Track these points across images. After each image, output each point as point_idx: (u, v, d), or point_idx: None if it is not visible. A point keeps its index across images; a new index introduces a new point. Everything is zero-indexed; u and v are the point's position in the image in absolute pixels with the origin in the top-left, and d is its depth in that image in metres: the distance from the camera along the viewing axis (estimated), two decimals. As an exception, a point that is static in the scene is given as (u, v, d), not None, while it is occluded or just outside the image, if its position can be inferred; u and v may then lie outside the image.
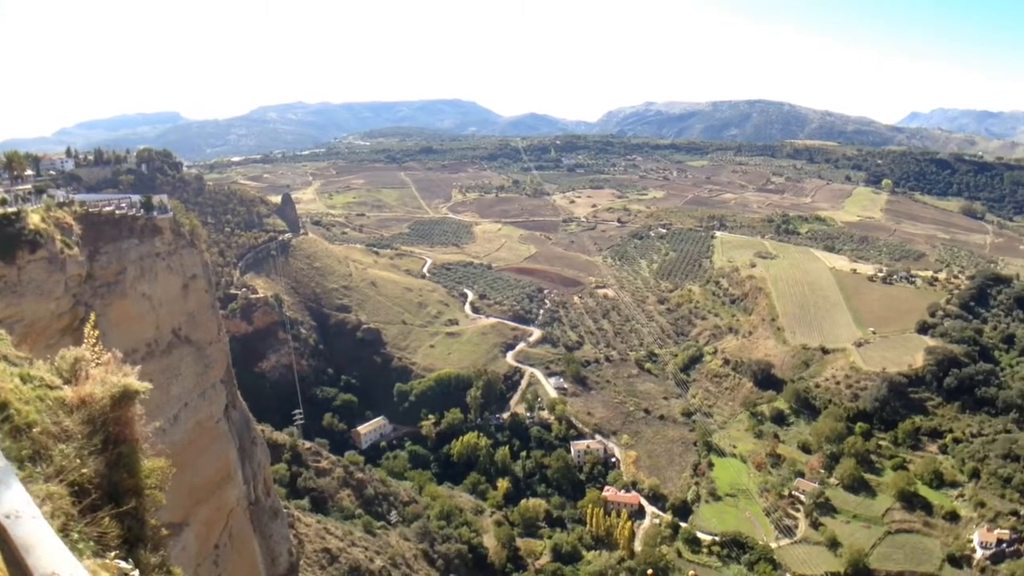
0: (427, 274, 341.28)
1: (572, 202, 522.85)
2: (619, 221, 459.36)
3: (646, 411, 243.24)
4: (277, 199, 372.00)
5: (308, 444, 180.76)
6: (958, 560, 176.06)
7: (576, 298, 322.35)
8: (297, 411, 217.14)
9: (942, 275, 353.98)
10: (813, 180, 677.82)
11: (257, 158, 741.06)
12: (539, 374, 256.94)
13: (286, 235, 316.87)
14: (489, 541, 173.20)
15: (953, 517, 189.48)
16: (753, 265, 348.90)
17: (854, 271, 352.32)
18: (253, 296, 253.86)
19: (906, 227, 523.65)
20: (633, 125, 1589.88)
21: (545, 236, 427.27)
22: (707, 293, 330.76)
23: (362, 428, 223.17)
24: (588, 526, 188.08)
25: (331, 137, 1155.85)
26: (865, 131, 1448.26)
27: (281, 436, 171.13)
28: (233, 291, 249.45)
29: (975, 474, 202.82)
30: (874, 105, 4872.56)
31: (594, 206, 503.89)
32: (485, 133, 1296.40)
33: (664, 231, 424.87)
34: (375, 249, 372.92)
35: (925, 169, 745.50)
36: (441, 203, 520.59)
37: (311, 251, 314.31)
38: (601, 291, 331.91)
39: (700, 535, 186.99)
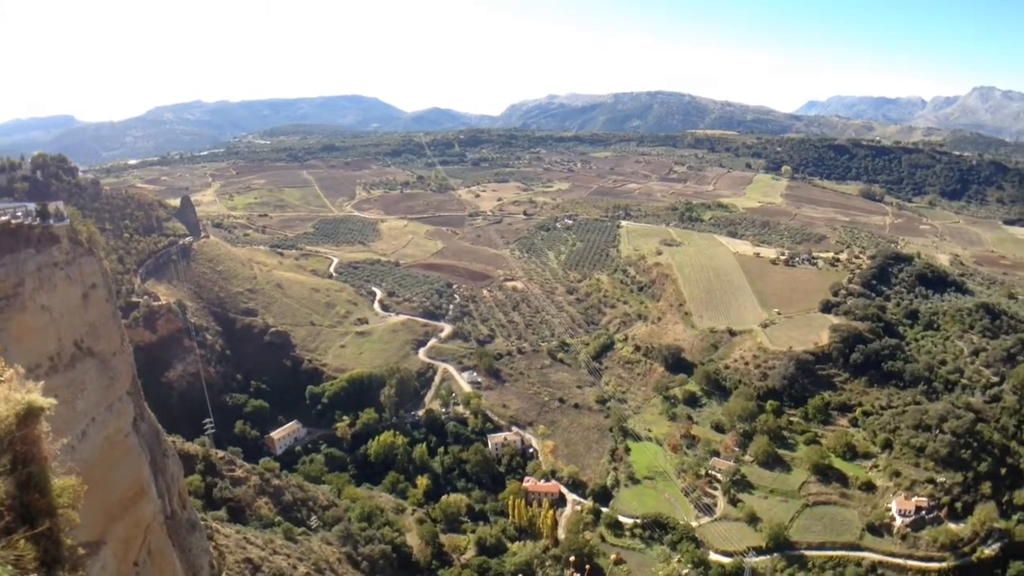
0: (334, 274, 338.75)
1: (478, 196, 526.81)
2: (525, 214, 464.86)
3: (561, 400, 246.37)
4: (176, 202, 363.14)
5: (221, 453, 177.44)
6: (878, 529, 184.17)
7: (485, 292, 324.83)
8: (207, 420, 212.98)
9: (843, 256, 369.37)
10: (714, 168, 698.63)
11: (154, 160, 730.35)
12: (452, 369, 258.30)
13: (187, 239, 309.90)
14: (413, 540, 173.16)
15: (869, 487, 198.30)
16: (659, 253, 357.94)
17: (757, 255, 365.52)
18: (155, 303, 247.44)
19: (807, 211, 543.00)
20: (536, 118, 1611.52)
21: (452, 231, 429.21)
22: (615, 282, 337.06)
23: (275, 433, 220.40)
24: (511, 518, 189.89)
25: (230, 136, 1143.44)
26: (764, 120, 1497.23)
27: (193, 447, 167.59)
28: (135, 299, 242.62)
29: (888, 445, 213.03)
30: (772, 95, 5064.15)
31: (500, 199, 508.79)
32: (388, 129, 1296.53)
33: (570, 222, 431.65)
34: (279, 250, 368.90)
35: (824, 155, 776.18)
36: (345, 201, 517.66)
37: (213, 254, 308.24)
38: (510, 284, 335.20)
39: (622, 519, 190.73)
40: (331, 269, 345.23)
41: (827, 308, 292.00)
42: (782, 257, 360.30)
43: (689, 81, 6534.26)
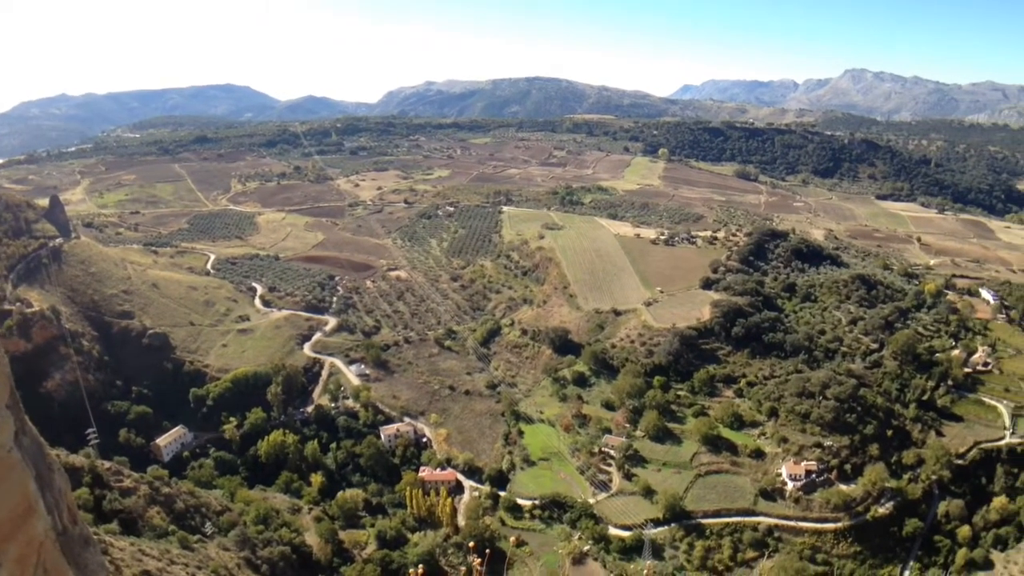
0: (211, 270, 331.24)
1: (357, 186, 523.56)
2: (406, 202, 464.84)
3: (451, 388, 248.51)
4: (45, 202, 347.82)
5: (108, 464, 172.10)
6: (771, 494, 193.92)
7: (369, 282, 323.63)
8: (90, 430, 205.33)
9: (721, 234, 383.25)
10: (593, 152, 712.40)
11: (21, 159, 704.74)
12: (339, 363, 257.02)
13: (57, 240, 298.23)
14: (312, 539, 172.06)
15: (759, 455, 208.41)
16: (541, 237, 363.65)
17: (638, 236, 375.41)
18: (29, 310, 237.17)
19: (684, 192, 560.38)
20: (415, 105, 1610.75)
21: (332, 222, 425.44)
22: (499, 267, 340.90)
23: (161, 440, 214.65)
24: (409, 509, 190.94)
25: (98, 131, 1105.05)
26: (641, 104, 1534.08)
27: (78, 459, 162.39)
28: (7, 307, 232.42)
29: (773, 413, 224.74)
30: (649, 79, 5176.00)
31: (380, 188, 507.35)
32: (262, 119, 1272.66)
33: (452, 209, 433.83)
34: (154, 248, 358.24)
35: (699, 137, 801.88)
36: (220, 194, 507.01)
37: (85, 256, 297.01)
38: (393, 273, 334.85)
39: (520, 501, 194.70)
40: (208, 266, 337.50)
41: (707, 285, 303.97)
42: (662, 237, 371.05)
43: (567, 66, 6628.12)
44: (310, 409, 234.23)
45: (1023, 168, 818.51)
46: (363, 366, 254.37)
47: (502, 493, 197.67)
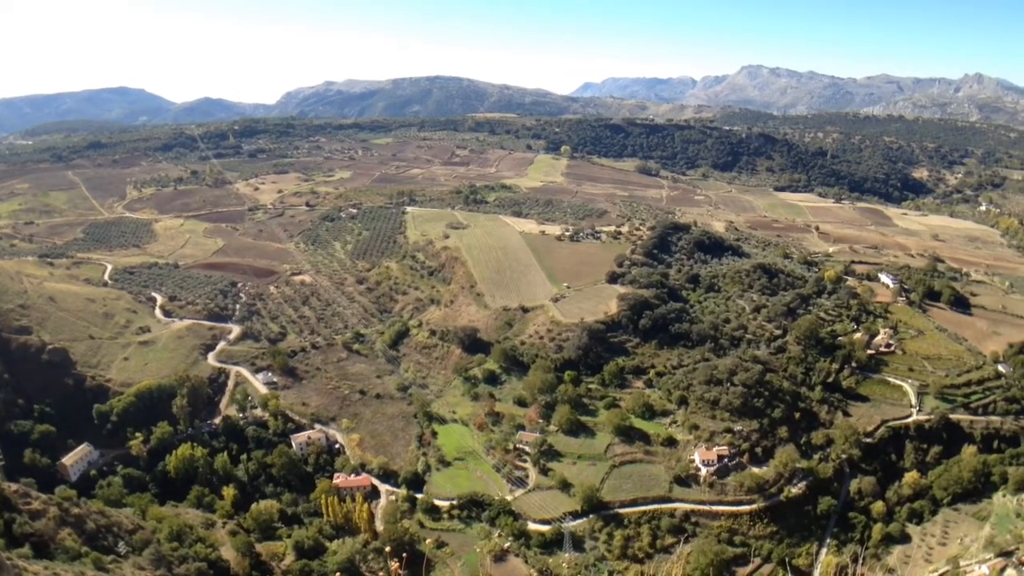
0: (109, 281, 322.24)
1: (256, 189, 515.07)
2: (308, 205, 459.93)
3: (361, 392, 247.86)
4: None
5: (14, 486, 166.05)
6: (685, 480, 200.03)
7: (272, 288, 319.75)
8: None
9: (625, 229, 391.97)
10: (496, 151, 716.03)
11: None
12: (245, 372, 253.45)
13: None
14: (228, 553, 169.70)
15: (671, 442, 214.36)
16: (447, 236, 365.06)
17: (543, 233, 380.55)
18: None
19: (587, 188, 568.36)
20: (314, 106, 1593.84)
21: (232, 227, 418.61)
22: (405, 268, 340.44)
23: (67, 459, 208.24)
24: (326, 517, 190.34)
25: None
26: (542, 102, 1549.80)
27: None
28: None
29: (683, 401, 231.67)
30: (550, 77, 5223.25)
31: (280, 191, 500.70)
32: (158, 122, 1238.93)
33: (355, 211, 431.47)
34: (49, 260, 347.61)
35: (601, 134, 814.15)
36: (116, 202, 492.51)
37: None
38: (297, 278, 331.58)
39: (438, 502, 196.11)
40: (106, 276, 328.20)
41: (613, 279, 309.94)
42: (567, 233, 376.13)
43: (468, 65, 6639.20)
44: (218, 421, 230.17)
45: (918, 157, 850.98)
46: (270, 374, 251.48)
47: (419, 495, 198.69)
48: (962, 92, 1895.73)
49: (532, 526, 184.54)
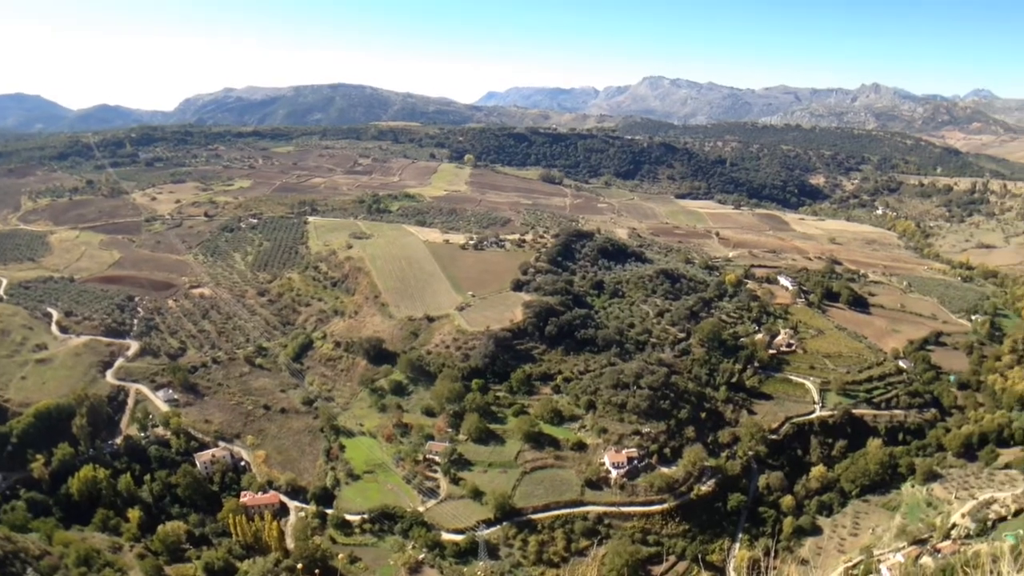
0: (4, 296, 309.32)
1: (154, 199, 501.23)
2: (207, 215, 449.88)
3: (266, 407, 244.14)
4: None
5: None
6: (596, 483, 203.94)
7: (171, 302, 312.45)
8: None
9: (529, 237, 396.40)
10: (399, 159, 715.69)
11: None
12: (146, 389, 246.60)
13: None
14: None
15: (581, 447, 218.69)
16: (350, 246, 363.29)
17: (447, 241, 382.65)
18: None
19: (491, 197, 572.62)
20: (213, 113, 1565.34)
21: (128, 239, 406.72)
22: (307, 279, 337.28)
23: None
24: (235, 536, 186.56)
25: None
26: (446, 111, 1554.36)
27: None
28: None
29: (591, 406, 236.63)
30: (453, 86, 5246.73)
31: (178, 201, 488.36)
32: (54, 130, 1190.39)
33: (255, 221, 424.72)
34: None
35: (504, 143, 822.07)
36: (10, 213, 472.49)
37: None
38: (197, 291, 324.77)
39: (349, 517, 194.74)
40: (1, 292, 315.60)
41: (518, 286, 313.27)
42: (471, 242, 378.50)
43: (371, 73, 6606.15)
44: (119, 441, 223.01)
45: (815, 164, 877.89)
46: (171, 391, 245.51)
47: (329, 511, 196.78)
48: (859, 101, 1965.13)
49: (446, 536, 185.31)
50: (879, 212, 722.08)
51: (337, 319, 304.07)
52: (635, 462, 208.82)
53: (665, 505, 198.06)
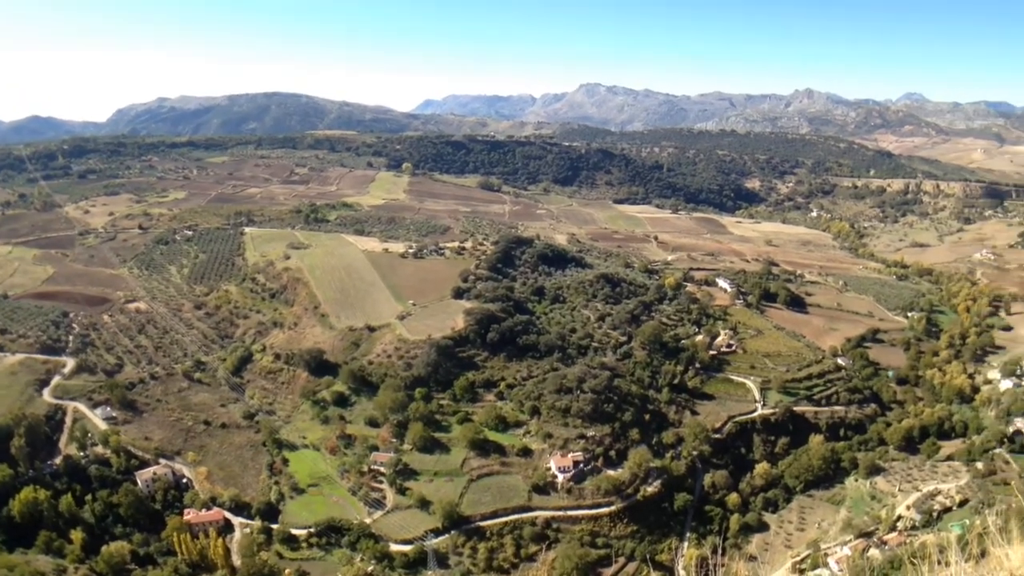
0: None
1: (87, 212, 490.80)
2: (141, 227, 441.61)
3: (206, 423, 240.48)
4: None
5: None
6: (543, 488, 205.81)
7: (107, 317, 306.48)
8: None
9: (469, 244, 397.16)
10: (336, 168, 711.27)
11: None
12: (83, 407, 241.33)
13: None
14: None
15: (526, 453, 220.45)
16: (288, 257, 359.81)
17: (386, 250, 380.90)
18: None
19: (430, 205, 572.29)
20: (147, 123, 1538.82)
21: (62, 253, 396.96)
22: (245, 291, 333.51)
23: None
24: (180, 555, 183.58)
25: None
26: (383, 119, 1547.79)
27: None
28: None
29: (535, 411, 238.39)
30: (390, 94, 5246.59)
31: (112, 214, 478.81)
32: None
33: (191, 233, 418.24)
34: None
35: (442, 151, 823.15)
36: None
37: None
38: (132, 305, 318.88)
39: (295, 531, 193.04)
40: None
41: (459, 294, 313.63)
42: (411, 251, 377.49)
43: (307, 82, 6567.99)
44: (59, 461, 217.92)
45: (751, 168, 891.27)
46: (109, 408, 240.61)
47: (275, 526, 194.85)
48: (793, 107, 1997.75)
49: (394, 547, 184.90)
50: (814, 214, 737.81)
51: (276, 331, 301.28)
52: (581, 466, 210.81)
53: (613, 507, 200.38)
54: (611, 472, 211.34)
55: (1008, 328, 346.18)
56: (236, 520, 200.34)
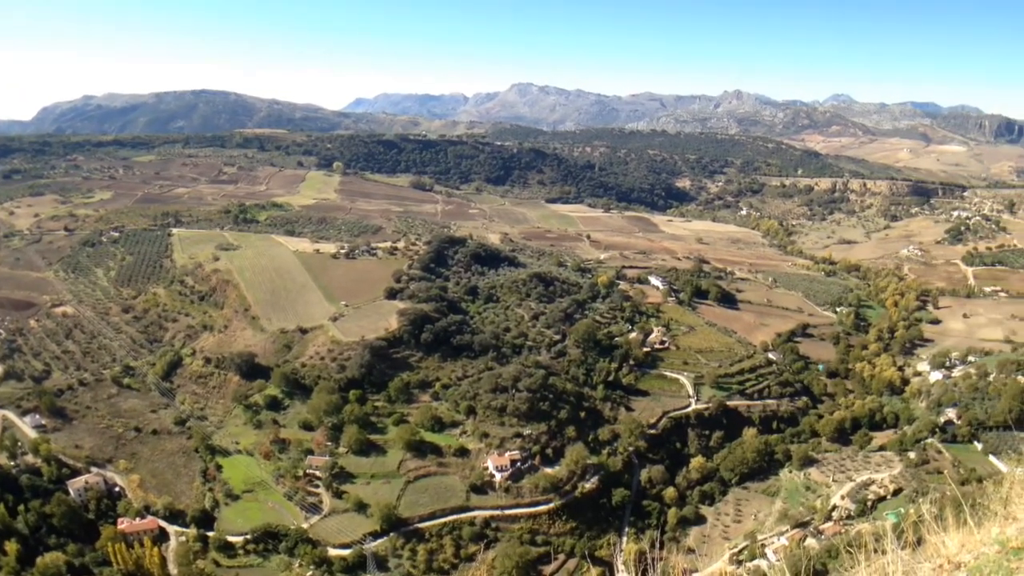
0: None
1: (12, 213, 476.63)
2: (67, 229, 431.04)
3: (137, 429, 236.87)
4: None
5: None
6: (481, 488, 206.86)
7: (33, 322, 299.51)
8: None
9: (401, 244, 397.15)
10: (266, 168, 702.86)
11: None
12: (12, 415, 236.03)
13: None
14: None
15: (463, 453, 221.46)
16: (216, 258, 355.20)
17: (318, 251, 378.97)
18: None
19: (361, 205, 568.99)
20: (72, 121, 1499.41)
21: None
22: (174, 294, 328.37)
23: None
24: (115, 566, 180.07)
25: None
26: (313, 118, 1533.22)
27: None
28: None
29: (471, 411, 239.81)
30: (321, 93, 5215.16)
31: (37, 215, 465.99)
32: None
33: (117, 234, 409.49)
34: None
35: (374, 150, 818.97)
36: None
37: None
38: (59, 309, 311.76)
39: (231, 539, 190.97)
40: None
41: (392, 295, 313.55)
42: (342, 251, 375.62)
43: (235, 79, 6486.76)
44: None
45: (681, 168, 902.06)
46: (38, 416, 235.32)
47: (210, 533, 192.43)
48: (722, 108, 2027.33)
49: (333, 552, 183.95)
50: (743, 212, 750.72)
51: (206, 334, 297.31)
52: (518, 464, 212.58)
53: (551, 505, 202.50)
54: (548, 470, 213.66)
55: (936, 321, 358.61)
56: (171, 528, 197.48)
